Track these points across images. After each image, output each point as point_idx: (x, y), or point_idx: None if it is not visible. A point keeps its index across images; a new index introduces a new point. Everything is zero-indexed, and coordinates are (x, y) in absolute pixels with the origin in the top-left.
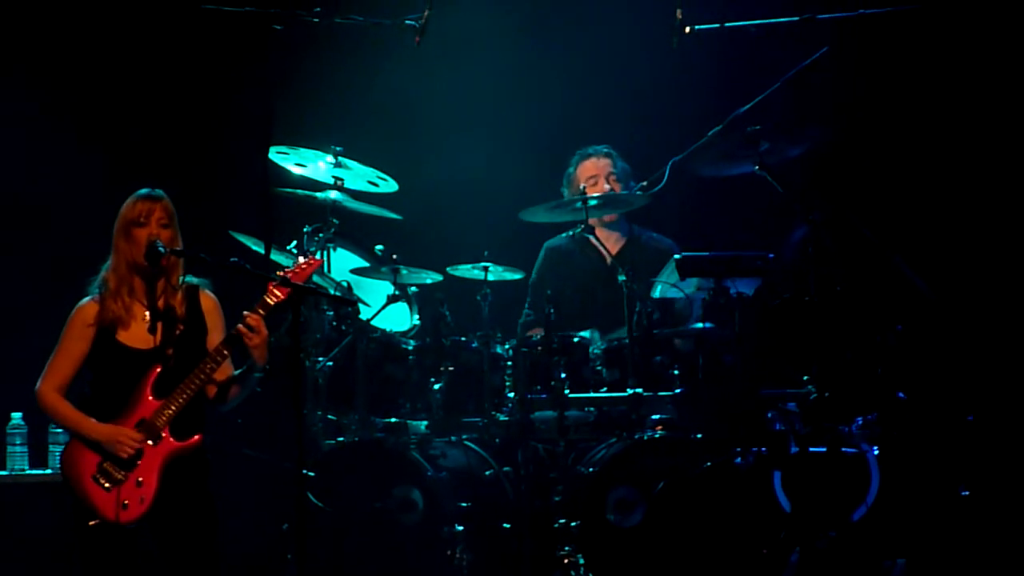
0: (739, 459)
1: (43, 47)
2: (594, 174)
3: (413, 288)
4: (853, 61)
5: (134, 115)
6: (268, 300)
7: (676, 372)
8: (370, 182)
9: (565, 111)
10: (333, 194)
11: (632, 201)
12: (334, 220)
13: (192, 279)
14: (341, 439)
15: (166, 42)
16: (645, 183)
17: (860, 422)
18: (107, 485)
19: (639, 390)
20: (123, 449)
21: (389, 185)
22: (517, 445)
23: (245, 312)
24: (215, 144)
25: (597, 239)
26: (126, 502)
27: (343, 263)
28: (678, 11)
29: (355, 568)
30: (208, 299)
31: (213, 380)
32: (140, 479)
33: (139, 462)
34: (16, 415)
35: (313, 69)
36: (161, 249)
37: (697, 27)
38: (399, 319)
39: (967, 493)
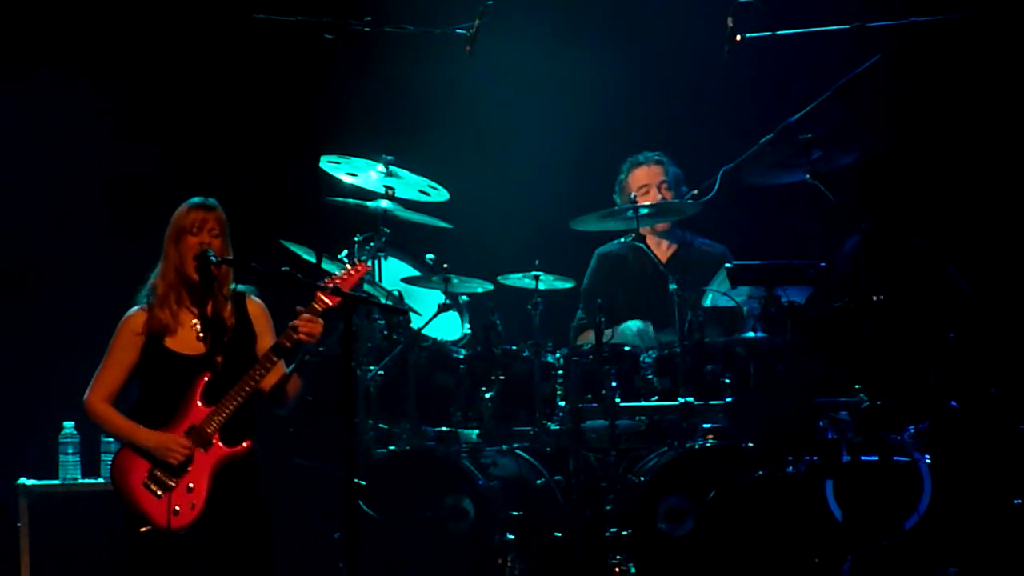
0: (791, 468)
1: (93, 56)
2: (646, 183)
3: (464, 297)
4: (904, 69)
5: (185, 124)
6: (316, 307)
7: (728, 381)
8: (421, 191)
9: (616, 119)
10: (384, 203)
11: (684, 210)
12: (385, 229)
13: (239, 286)
14: (392, 448)
15: (217, 52)
16: (696, 192)
17: (912, 431)
18: (158, 492)
19: (690, 399)
20: (173, 456)
21: (440, 194)
22: (568, 454)
23: (299, 308)
24: (266, 153)
25: (647, 246)
26: (177, 508)
27: (394, 272)
28: (729, 19)
29: None
30: (255, 305)
31: (262, 387)
32: (191, 485)
33: (189, 468)
34: (68, 424)
35: (364, 78)
36: (212, 258)
37: (748, 35)
38: (450, 328)
39: (1020, 501)
